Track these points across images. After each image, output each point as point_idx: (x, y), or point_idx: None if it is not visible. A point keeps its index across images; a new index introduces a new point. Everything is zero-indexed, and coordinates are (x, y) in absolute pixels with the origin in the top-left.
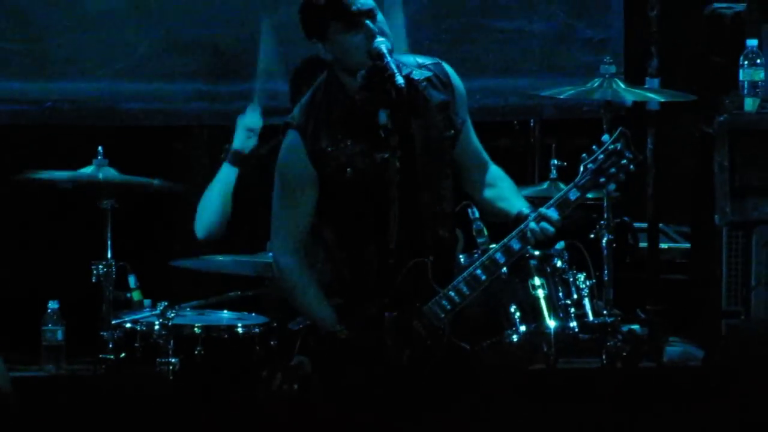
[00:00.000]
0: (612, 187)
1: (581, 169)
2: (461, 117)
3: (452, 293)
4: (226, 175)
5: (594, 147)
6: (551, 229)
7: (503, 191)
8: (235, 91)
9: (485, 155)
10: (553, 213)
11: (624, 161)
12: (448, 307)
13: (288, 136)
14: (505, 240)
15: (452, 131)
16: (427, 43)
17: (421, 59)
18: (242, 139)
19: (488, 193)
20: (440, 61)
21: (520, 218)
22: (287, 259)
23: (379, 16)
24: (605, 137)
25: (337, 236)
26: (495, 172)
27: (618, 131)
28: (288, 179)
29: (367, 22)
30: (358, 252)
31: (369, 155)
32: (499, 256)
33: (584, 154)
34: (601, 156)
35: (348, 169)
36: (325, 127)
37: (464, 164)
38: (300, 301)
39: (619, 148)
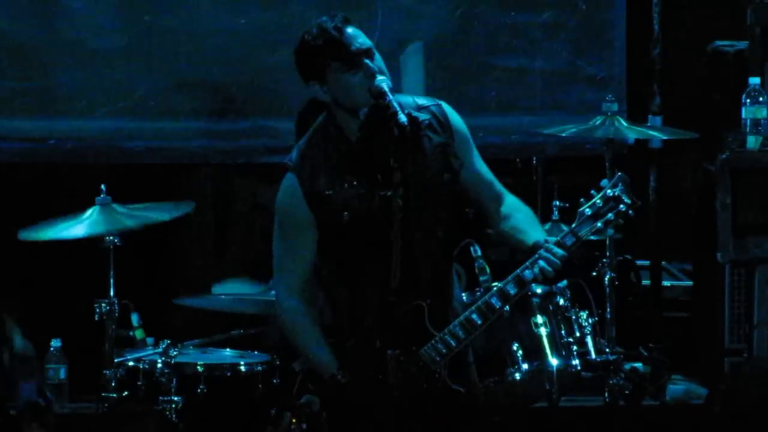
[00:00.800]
0: (610, 232)
1: (578, 214)
2: (460, 159)
3: (448, 337)
4: None
5: (592, 191)
6: (548, 273)
7: (519, 222)
8: (237, 129)
9: (498, 186)
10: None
11: (622, 207)
12: (444, 351)
13: (286, 178)
14: (501, 284)
15: (449, 174)
16: (430, 81)
17: (420, 100)
18: None
19: (505, 225)
20: (440, 103)
21: (536, 248)
22: (290, 302)
23: (377, 55)
24: (604, 182)
25: (337, 276)
26: (511, 203)
27: (616, 176)
28: (286, 222)
29: (366, 61)
30: (358, 292)
31: (368, 196)
32: (495, 301)
33: (582, 199)
34: (599, 202)
35: (345, 213)
36: (323, 169)
37: (478, 198)
38: (301, 343)
39: (617, 193)
